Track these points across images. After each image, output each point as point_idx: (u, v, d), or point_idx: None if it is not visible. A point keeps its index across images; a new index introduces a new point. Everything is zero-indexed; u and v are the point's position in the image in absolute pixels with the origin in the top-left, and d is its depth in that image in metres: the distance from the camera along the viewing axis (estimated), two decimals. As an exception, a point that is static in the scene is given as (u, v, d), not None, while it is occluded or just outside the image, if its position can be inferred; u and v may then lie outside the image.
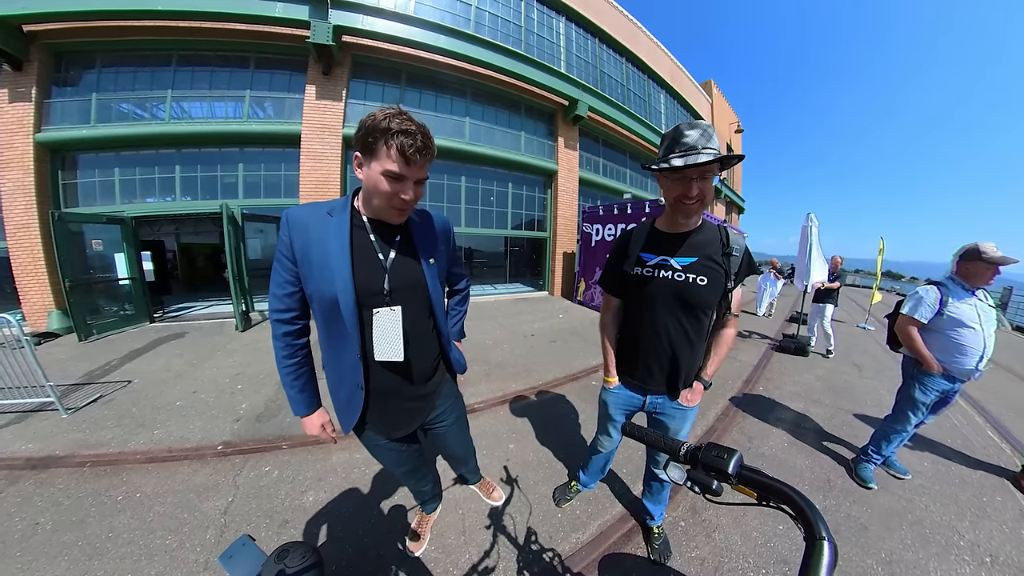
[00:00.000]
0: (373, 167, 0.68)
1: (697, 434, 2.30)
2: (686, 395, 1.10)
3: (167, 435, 2.11)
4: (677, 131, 0.84)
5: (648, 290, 1.02)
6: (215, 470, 1.81)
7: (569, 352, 3.93)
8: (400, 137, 0.64)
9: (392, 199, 0.71)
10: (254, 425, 2.25)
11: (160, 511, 1.52)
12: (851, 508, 1.66)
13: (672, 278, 0.98)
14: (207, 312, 5.72)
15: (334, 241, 0.75)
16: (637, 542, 1.44)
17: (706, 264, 0.96)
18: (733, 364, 3.84)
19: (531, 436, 2.21)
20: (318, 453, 1.98)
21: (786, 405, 2.81)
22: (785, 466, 1.99)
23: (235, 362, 3.42)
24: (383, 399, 0.87)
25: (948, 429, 2.47)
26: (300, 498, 1.63)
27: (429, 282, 0.85)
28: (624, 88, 9.21)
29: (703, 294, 0.96)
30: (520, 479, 1.81)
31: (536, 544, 1.42)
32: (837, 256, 4.64)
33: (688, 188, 0.85)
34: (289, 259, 0.77)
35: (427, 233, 0.87)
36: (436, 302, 0.89)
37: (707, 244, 0.97)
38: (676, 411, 1.13)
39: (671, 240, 1.00)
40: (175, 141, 5.16)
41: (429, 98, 6.38)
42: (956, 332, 1.61)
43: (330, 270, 0.74)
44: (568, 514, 1.58)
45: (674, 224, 1.00)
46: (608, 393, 1.23)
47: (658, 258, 1.01)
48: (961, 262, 1.62)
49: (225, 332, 4.55)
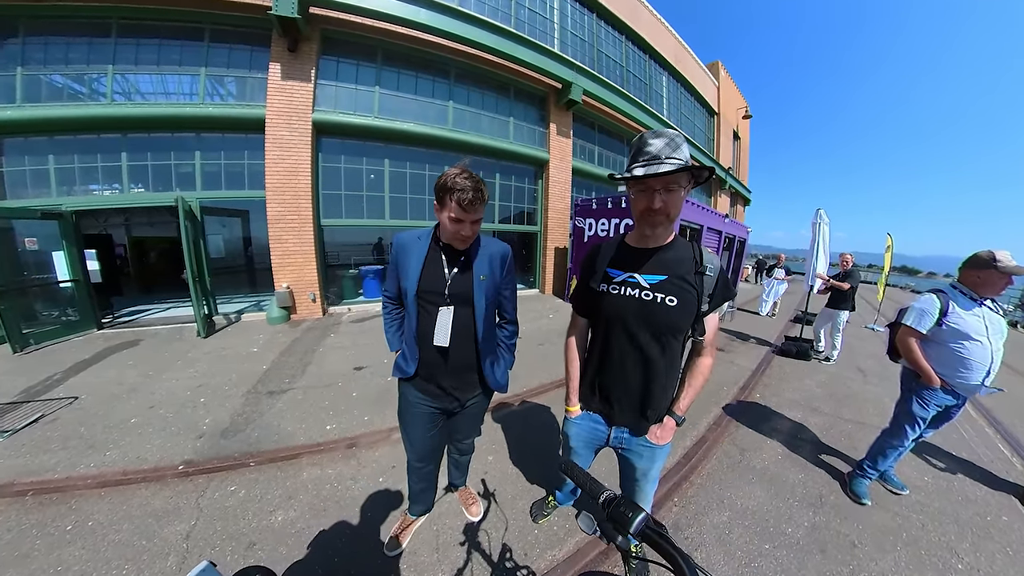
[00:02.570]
0: (443, 212, 1.07)
1: (686, 445, 2.35)
2: (655, 431, 1.06)
3: (121, 456, 2.09)
4: (641, 140, 0.85)
5: (613, 308, 1.00)
6: (176, 492, 1.81)
7: (557, 356, 3.91)
8: (458, 193, 1.01)
9: (456, 235, 1.10)
10: (219, 442, 2.25)
11: (115, 539, 1.52)
12: (841, 525, 1.72)
13: (639, 296, 0.96)
14: (164, 316, 5.60)
15: (415, 256, 1.20)
16: (615, 560, 1.49)
17: (676, 283, 0.94)
18: (730, 369, 3.93)
19: (511, 448, 2.27)
20: (288, 470, 2.00)
21: (783, 414, 2.89)
22: (776, 480, 2.05)
23: (197, 372, 3.38)
24: (431, 371, 1.26)
25: (954, 441, 2.54)
26: (268, 518, 1.64)
27: (475, 293, 1.20)
28: (623, 69, 9.22)
29: (672, 315, 0.94)
30: (498, 493, 1.85)
31: (511, 561, 1.46)
32: (847, 254, 4.45)
33: (652, 200, 0.86)
34: (394, 263, 1.25)
35: (483, 258, 1.22)
36: (479, 310, 1.21)
37: (678, 262, 0.95)
38: (644, 449, 1.08)
39: (639, 256, 0.99)
40: (120, 124, 4.97)
41: (408, 79, 6.28)
42: (959, 345, 1.61)
43: (409, 273, 1.19)
44: (545, 530, 1.63)
45: (643, 239, 0.99)
46: (570, 424, 1.18)
47: (625, 274, 0.99)
48: (969, 270, 1.61)
49: (185, 338, 4.48)
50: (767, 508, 1.82)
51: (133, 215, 9.12)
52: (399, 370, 1.28)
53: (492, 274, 1.23)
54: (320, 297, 5.78)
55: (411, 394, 1.29)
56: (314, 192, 5.57)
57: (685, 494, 1.90)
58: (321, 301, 5.82)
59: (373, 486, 1.88)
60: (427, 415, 1.31)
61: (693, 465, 2.15)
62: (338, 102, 5.70)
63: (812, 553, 1.55)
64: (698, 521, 1.71)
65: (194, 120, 5.09)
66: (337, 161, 5.91)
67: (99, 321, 4.95)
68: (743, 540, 1.60)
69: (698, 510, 1.78)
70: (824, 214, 4.43)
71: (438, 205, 1.07)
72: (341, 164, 5.94)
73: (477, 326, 1.22)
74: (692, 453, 2.27)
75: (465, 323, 1.21)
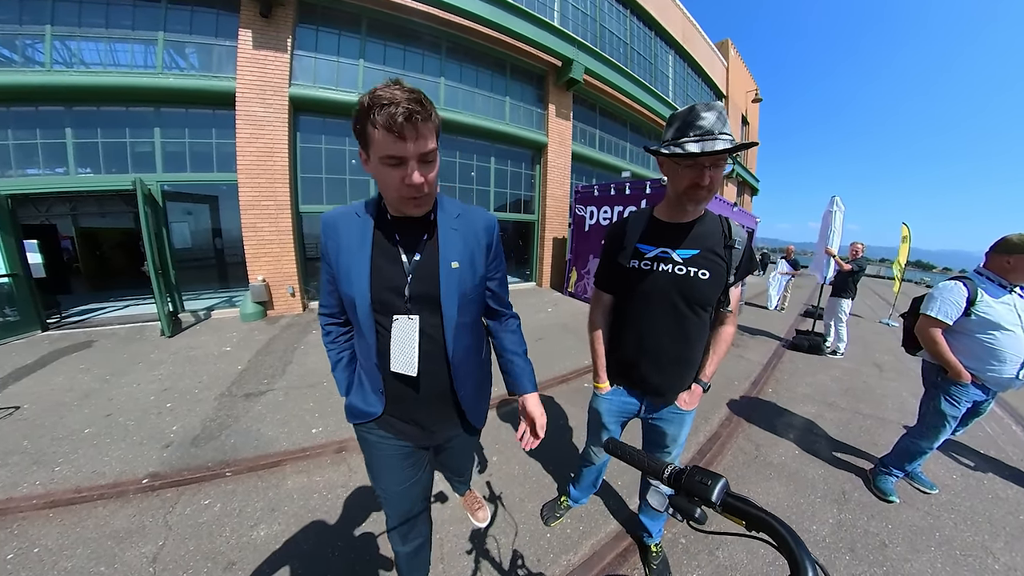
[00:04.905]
0: (372, 157, 0.69)
1: (700, 440, 2.38)
2: (684, 398, 1.16)
3: (74, 472, 1.99)
4: (693, 113, 0.86)
5: (645, 285, 1.06)
6: (139, 509, 1.73)
7: (558, 351, 3.99)
8: (384, 110, 0.61)
9: (400, 188, 0.71)
10: (189, 451, 2.17)
11: (67, 567, 1.43)
12: (869, 523, 1.74)
13: (672, 272, 1.03)
14: (121, 315, 5.39)
15: (356, 243, 0.83)
16: (634, 562, 1.50)
17: (708, 257, 1.01)
18: (740, 363, 3.99)
19: (516, 447, 2.24)
20: (270, 479, 1.94)
21: (798, 409, 2.95)
22: (796, 477, 2.09)
23: (162, 375, 3.26)
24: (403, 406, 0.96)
25: (980, 439, 2.60)
26: (249, 534, 1.59)
27: (443, 288, 0.83)
28: (627, 47, 9.20)
29: (704, 288, 1.01)
30: (505, 496, 1.83)
31: (523, 569, 1.45)
32: (858, 243, 4.73)
33: (700, 176, 0.89)
34: (326, 260, 0.88)
35: (455, 235, 0.86)
36: (448, 315, 0.85)
37: (709, 236, 1.03)
38: (674, 416, 1.19)
39: (672, 231, 1.04)
40: (62, 95, 4.64)
41: (396, 53, 6.14)
42: (990, 336, 1.58)
43: (349, 273, 0.82)
44: (558, 533, 1.62)
45: (675, 214, 1.04)
46: (600, 400, 1.27)
47: (657, 250, 1.05)
48: (998, 254, 1.59)
49: (147, 338, 4.32)
50: (788, 505, 1.85)
51: (81, 203, 8.70)
52: (357, 414, 0.94)
53: (471, 259, 0.87)
54: (300, 291, 5.65)
55: (374, 434, 0.97)
56: (292, 175, 5.41)
57: None
58: (301, 295, 5.69)
59: (366, 494, 1.84)
60: (402, 456, 1.00)
61: (708, 461, 2.18)
62: (318, 76, 5.54)
63: (840, 552, 1.57)
64: (719, 517, 1.71)
65: (152, 92, 4.86)
66: (317, 141, 5.75)
67: (44, 322, 4.71)
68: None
69: None
70: (840, 201, 4.53)
71: (362, 150, 0.71)
72: (321, 145, 5.78)
73: (447, 339, 0.86)
74: (706, 449, 2.30)
75: (434, 336, 0.87)
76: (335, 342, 1.00)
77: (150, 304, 5.49)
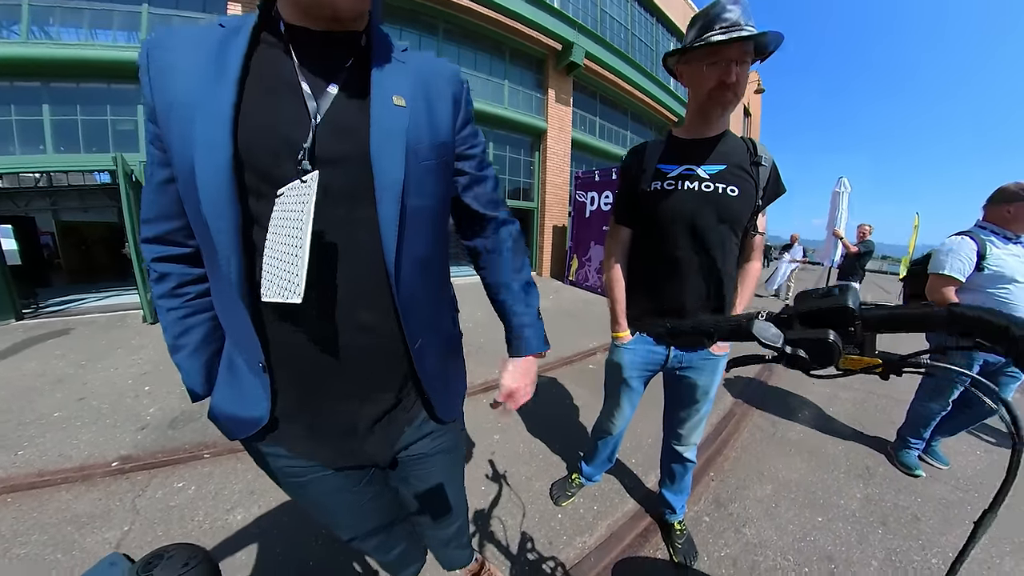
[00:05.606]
0: None
1: (712, 422, 2.26)
2: None
3: (38, 455, 1.85)
4: (718, 6, 0.83)
5: (669, 206, 0.97)
6: (106, 493, 1.61)
7: (562, 334, 3.88)
8: None
9: None
10: (166, 433, 2.05)
11: (20, 554, 1.30)
12: (897, 497, 1.67)
13: (699, 189, 0.95)
14: (102, 304, 5.16)
15: (210, 70, 0.44)
16: (656, 543, 1.38)
17: (735, 172, 0.94)
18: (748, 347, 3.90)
19: (520, 426, 2.14)
20: (249, 462, 1.77)
21: (810, 389, 2.86)
22: (817, 453, 2.00)
23: (142, 359, 3.11)
24: (308, 400, 0.56)
25: None
26: (225, 517, 1.47)
27: (375, 137, 0.47)
28: (628, 33, 9.02)
29: (734, 206, 0.94)
30: (509, 475, 1.70)
31: (533, 553, 1.32)
32: (866, 224, 4.60)
33: (727, 73, 0.84)
34: (151, 118, 0.47)
35: (400, 64, 0.53)
36: (388, 196, 0.47)
37: (734, 152, 0.96)
38: (706, 362, 1.08)
39: (695, 147, 0.98)
40: (39, 70, 4.41)
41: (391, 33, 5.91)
42: (1003, 290, 1.53)
43: (192, 122, 0.43)
44: (570, 513, 1.50)
45: (698, 128, 0.98)
46: (621, 352, 1.15)
47: (681, 168, 0.97)
48: (996, 205, 1.55)
49: (129, 325, 4.14)
50: (812, 480, 1.76)
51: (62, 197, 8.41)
52: (230, 423, 0.57)
53: (428, 106, 0.53)
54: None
55: (278, 461, 0.61)
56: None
57: (721, 468, 1.83)
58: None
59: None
60: (335, 488, 0.66)
61: (724, 439, 2.08)
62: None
63: (873, 526, 1.48)
64: (740, 495, 1.62)
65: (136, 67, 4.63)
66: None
67: (19, 311, 4.47)
68: (792, 513, 1.53)
69: (738, 484, 1.71)
70: (847, 182, 4.44)
71: None
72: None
73: (383, 236, 0.48)
74: (721, 427, 2.20)
75: (360, 233, 0.49)
76: (177, 295, 0.57)
77: (133, 295, 5.26)
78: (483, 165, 0.65)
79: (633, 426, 1.89)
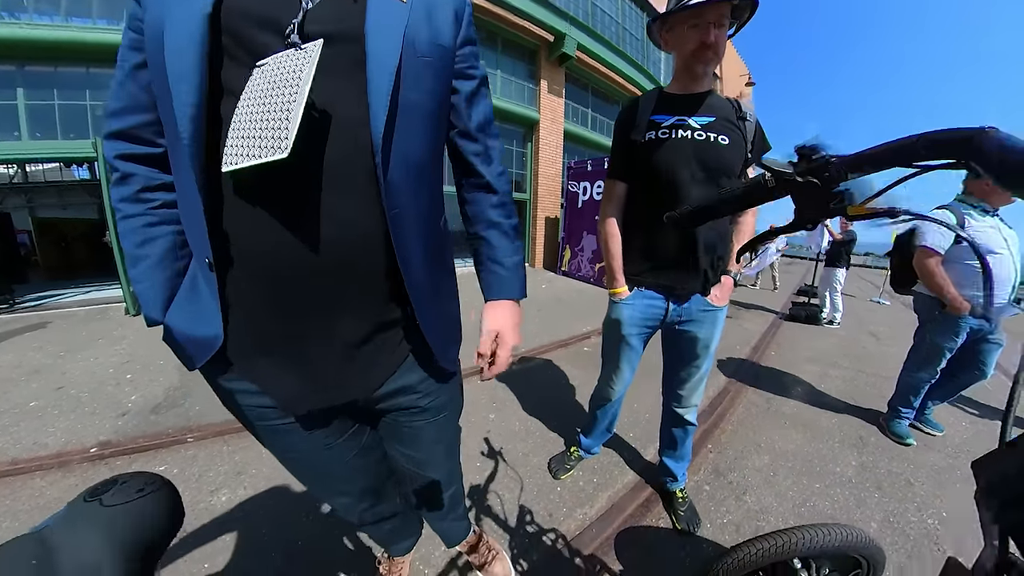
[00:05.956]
0: None
1: (710, 395, 2.27)
2: (715, 292, 1.07)
3: (12, 443, 1.77)
4: None
5: (663, 156, 1.01)
6: (84, 479, 1.54)
7: (555, 320, 3.87)
8: None
9: None
10: (148, 418, 1.98)
11: None
12: (891, 464, 1.70)
13: (692, 137, 0.99)
14: (82, 299, 4.95)
15: None
16: (658, 512, 1.35)
17: (724, 124, 1.00)
18: (740, 331, 3.94)
19: (515, 404, 2.12)
20: (237, 443, 1.75)
21: (802, 368, 2.90)
22: (811, 425, 2.02)
23: (123, 349, 3.00)
24: (270, 305, 0.48)
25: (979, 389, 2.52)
26: (209, 499, 1.41)
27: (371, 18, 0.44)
28: (619, 27, 9.01)
29: (726, 155, 0.99)
30: (505, 451, 1.67)
31: (533, 525, 1.28)
32: None
33: (706, 34, 0.91)
34: None
35: None
36: (381, 81, 0.43)
37: (721, 107, 1.02)
38: (706, 314, 1.09)
39: (685, 100, 1.03)
40: (12, 52, 4.19)
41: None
42: None
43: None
44: (570, 486, 1.47)
45: (686, 84, 1.03)
46: (619, 308, 1.13)
47: (673, 118, 1.01)
48: (976, 180, 1.58)
49: (110, 318, 3.99)
50: (808, 450, 1.77)
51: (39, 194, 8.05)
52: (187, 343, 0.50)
53: (427, 9, 0.49)
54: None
55: (248, 399, 0.54)
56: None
57: (719, 440, 1.83)
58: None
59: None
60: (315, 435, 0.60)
61: (720, 413, 2.09)
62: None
63: (869, 491, 1.49)
64: (739, 465, 1.63)
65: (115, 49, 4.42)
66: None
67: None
68: (790, 481, 1.54)
69: (736, 454, 1.71)
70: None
71: None
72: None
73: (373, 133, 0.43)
74: (717, 403, 2.21)
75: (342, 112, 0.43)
76: (141, 200, 0.50)
77: (114, 288, 5.04)
78: (481, 91, 0.61)
79: (629, 403, 1.91)
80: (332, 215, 0.44)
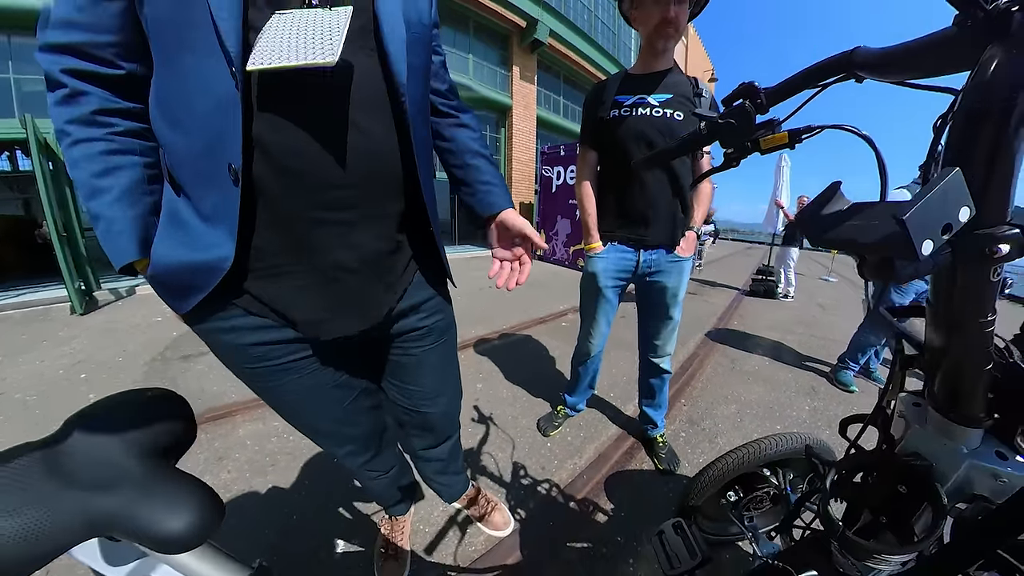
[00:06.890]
0: None
1: (680, 359, 2.43)
2: (681, 245, 1.21)
3: None
4: None
5: (626, 130, 1.13)
6: None
7: (533, 300, 3.96)
8: None
9: None
10: None
11: None
12: (838, 408, 1.92)
13: (650, 115, 1.11)
14: (16, 302, 4.36)
15: None
16: (640, 458, 1.45)
17: (680, 101, 1.12)
18: (705, 306, 4.19)
19: (500, 375, 2.18)
20: (216, 431, 1.68)
21: (762, 334, 3.15)
22: (771, 380, 2.22)
23: (73, 350, 2.72)
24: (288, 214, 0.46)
25: None
26: None
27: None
28: (591, 15, 9.05)
29: (679, 128, 1.10)
30: (495, 416, 1.71)
31: (527, 478, 1.34)
32: (804, 196, 5.07)
33: (667, 10, 1.01)
34: None
35: None
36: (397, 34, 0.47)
37: (679, 84, 1.15)
38: (672, 265, 1.22)
39: (646, 80, 1.15)
40: None
41: None
42: None
43: None
44: (559, 441, 1.55)
45: (649, 63, 1.16)
46: (595, 261, 1.25)
47: (634, 98, 1.13)
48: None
49: (53, 318, 3.56)
50: (768, 400, 1.96)
51: None
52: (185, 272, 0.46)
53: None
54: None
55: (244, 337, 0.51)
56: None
57: (691, 395, 1.98)
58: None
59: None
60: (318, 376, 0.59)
61: (691, 373, 2.25)
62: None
63: (821, 429, 1.69)
64: (710, 414, 1.77)
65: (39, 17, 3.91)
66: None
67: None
68: (755, 424, 1.71)
69: (707, 406, 1.86)
70: (787, 158, 4.82)
71: None
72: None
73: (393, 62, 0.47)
74: (687, 365, 2.38)
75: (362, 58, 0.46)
76: (98, 123, 0.44)
77: (56, 288, 4.45)
78: (445, 65, 0.69)
79: (608, 368, 2.03)
80: (359, 127, 0.46)
